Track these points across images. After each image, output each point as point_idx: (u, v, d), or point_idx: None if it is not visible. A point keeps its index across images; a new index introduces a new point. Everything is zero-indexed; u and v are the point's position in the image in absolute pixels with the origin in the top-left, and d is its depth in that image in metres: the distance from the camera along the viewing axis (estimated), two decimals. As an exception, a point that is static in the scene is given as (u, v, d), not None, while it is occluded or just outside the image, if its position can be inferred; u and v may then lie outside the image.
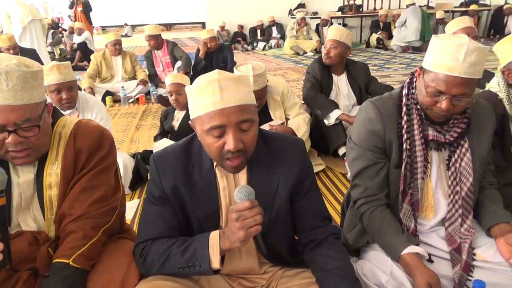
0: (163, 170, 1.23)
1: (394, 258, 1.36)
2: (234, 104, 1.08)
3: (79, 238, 1.23)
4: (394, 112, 1.42)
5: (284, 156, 1.26)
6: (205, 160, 1.22)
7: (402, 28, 9.37)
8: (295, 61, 8.80)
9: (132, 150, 3.59)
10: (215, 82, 1.09)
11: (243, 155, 1.14)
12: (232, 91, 1.09)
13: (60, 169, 1.28)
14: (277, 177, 1.24)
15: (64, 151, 1.29)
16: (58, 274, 1.18)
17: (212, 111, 1.08)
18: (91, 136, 1.32)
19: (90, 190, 1.29)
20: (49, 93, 2.51)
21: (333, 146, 2.98)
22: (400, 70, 7.30)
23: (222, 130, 1.10)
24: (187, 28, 19.39)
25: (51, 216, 1.28)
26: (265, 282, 1.33)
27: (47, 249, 1.24)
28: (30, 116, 1.15)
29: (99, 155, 1.32)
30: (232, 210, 1.09)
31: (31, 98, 1.15)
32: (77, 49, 8.62)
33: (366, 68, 3.21)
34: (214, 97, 1.08)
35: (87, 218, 1.27)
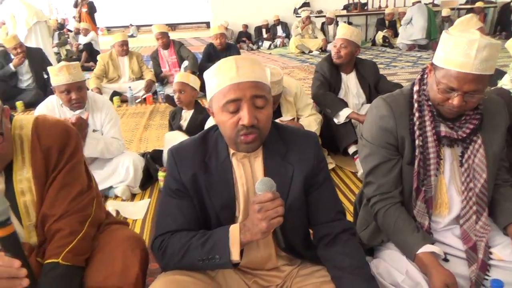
0: (181, 161, 1.25)
1: (410, 257, 1.35)
2: (249, 79, 1.13)
3: (66, 235, 1.22)
4: (406, 109, 1.42)
5: (298, 147, 1.28)
6: (221, 150, 1.25)
7: (408, 26, 9.32)
8: (301, 60, 8.78)
9: (141, 150, 3.59)
10: (231, 60, 1.15)
11: (257, 133, 1.15)
12: (248, 68, 1.14)
13: (31, 174, 1.24)
14: (292, 167, 1.25)
15: (31, 155, 1.24)
16: (48, 274, 1.17)
17: (228, 85, 1.13)
18: (55, 132, 1.28)
19: (67, 187, 1.27)
20: (58, 94, 2.52)
21: (343, 145, 2.97)
22: (406, 68, 7.27)
23: (237, 104, 1.13)
24: (192, 28, 19.42)
25: (29, 223, 1.25)
26: (280, 281, 1.33)
27: (35, 260, 1.23)
28: None
29: (69, 151, 1.29)
30: (254, 201, 1.10)
31: None
32: (83, 50, 8.65)
33: (375, 66, 3.19)
34: (230, 73, 1.13)
35: (71, 215, 1.26)
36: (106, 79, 5.46)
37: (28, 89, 5.35)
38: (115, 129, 2.73)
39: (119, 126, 2.79)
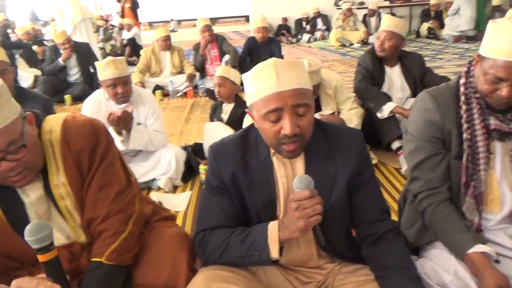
0: (222, 159, 1.25)
1: (459, 256, 1.30)
2: (290, 87, 1.09)
3: (109, 236, 1.23)
4: (452, 102, 1.37)
5: (342, 146, 1.25)
6: (262, 148, 1.23)
7: (455, 16, 8.93)
8: (341, 53, 8.63)
9: (182, 143, 3.66)
10: (271, 67, 1.10)
11: (299, 140, 1.14)
12: (289, 75, 1.10)
13: (66, 180, 1.22)
14: (335, 166, 1.23)
15: (63, 161, 1.22)
16: (92, 273, 1.19)
17: (268, 95, 1.10)
18: (84, 134, 1.24)
19: (106, 189, 1.26)
20: (105, 88, 2.61)
21: (386, 140, 2.90)
22: (453, 60, 6.99)
23: (278, 114, 1.10)
24: (231, 22, 19.51)
25: (74, 224, 1.27)
26: (322, 277, 1.32)
27: (87, 259, 1.26)
28: (11, 138, 1.06)
29: (100, 151, 1.26)
30: (292, 199, 1.09)
31: (5, 119, 1.04)
32: (127, 45, 8.90)
33: (420, 59, 3.08)
34: (270, 81, 1.10)
35: (114, 215, 1.26)
36: (149, 73, 5.60)
37: (76, 83, 5.56)
38: (158, 122, 2.79)
39: (162, 119, 2.86)
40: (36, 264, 1.21)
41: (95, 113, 2.65)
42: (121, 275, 1.22)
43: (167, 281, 1.23)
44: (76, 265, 1.24)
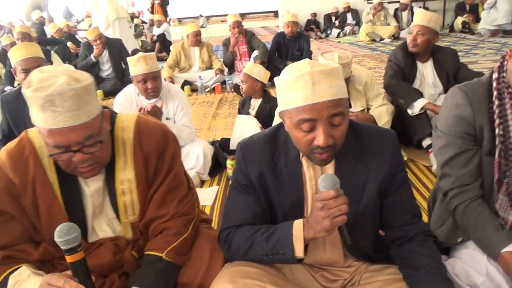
0: (250, 158, 1.24)
1: (492, 255, 1.27)
2: (326, 99, 1.04)
3: (171, 235, 1.27)
4: (484, 97, 1.33)
5: (375, 149, 1.21)
6: (291, 149, 1.21)
7: (491, 10, 8.59)
8: (371, 48, 8.48)
9: (209, 138, 3.70)
10: (307, 76, 1.05)
11: (332, 150, 1.11)
12: (325, 85, 1.04)
13: (134, 176, 1.28)
14: (367, 170, 1.20)
15: (134, 158, 1.28)
16: (151, 266, 1.23)
17: (303, 105, 1.06)
18: (155, 137, 1.30)
19: (174, 192, 1.32)
20: (136, 83, 2.66)
21: (417, 137, 2.83)
22: (489, 55, 6.74)
23: (312, 124, 1.07)
24: (259, 17, 19.48)
25: (126, 220, 1.31)
26: (348, 275, 1.30)
27: (131, 253, 1.30)
28: (91, 132, 1.12)
29: (168, 156, 1.32)
30: (317, 199, 1.07)
31: (89, 114, 1.10)
32: (157, 41, 9.04)
33: (454, 54, 2.99)
34: (305, 92, 1.05)
35: (179, 216, 1.31)
36: (178, 69, 5.68)
37: (107, 78, 5.71)
38: (187, 117, 2.83)
39: (190, 114, 2.89)
40: None
41: (126, 108, 2.72)
42: (175, 274, 1.26)
43: (203, 281, 1.25)
44: (119, 258, 1.28)
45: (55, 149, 1.11)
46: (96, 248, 1.29)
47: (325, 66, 1.08)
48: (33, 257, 1.22)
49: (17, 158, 1.20)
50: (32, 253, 1.23)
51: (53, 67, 1.14)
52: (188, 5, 18.89)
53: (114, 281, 1.27)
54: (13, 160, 1.20)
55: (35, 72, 1.11)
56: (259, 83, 3.15)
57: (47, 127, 1.07)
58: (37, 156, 1.22)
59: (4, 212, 1.21)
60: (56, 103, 1.04)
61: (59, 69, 1.12)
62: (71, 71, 1.12)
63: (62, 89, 1.04)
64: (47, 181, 1.22)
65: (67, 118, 1.06)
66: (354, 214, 1.17)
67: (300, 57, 5.50)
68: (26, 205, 1.22)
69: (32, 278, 1.14)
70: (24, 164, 1.20)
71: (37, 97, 1.04)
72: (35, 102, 1.05)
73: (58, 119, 1.05)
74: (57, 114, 1.05)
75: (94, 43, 5.47)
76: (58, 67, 1.16)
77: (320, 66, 1.08)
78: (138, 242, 1.33)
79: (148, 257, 1.25)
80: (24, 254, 1.22)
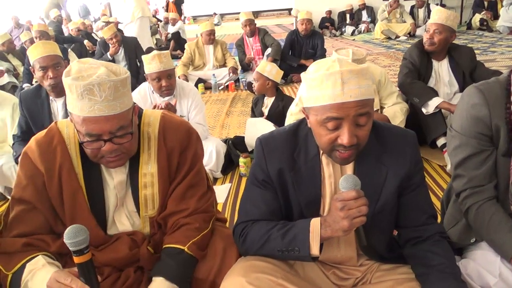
0: (269, 153, 1.25)
1: (506, 257, 1.25)
2: (354, 98, 1.05)
3: (193, 229, 1.30)
4: (501, 97, 1.30)
5: (395, 148, 1.22)
6: (311, 146, 1.22)
7: (511, 7, 8.45)
8: (386, 46, 8.41)
9: (223, 136, 3.72)
10: (337, 75, 1.05)
11: (355, 149, 1.11)
12: (354, 84, 1.05)
13: (157, 170, 1.31)
14: (386, 169, 1.20)
15: (157, 153, 1.32)
16: (174, 257, 1.25)
17: (331, 104, 1.06)
18: (179, 133, 1.34)
19: (194, 188, 1.35)
20: (150, 81, 2.70)
21: (431, 136, 2.80)
22: (507, 53, 6.62)
23: (337, 122, 1.07)
24: (273, 15, 19.44)
25: (145, 214, 1.34)
26: (360, 274, 1.31)
27: (147, 248, 1.32)
28: (123, 123, 1.17)
29: (190, 153, 1.35)
30: (337, 199, 1.07)
31: (123, 106, 1.15)
32: (171, 39, 9.11)
33: (471, 53, 2.94)
34: (334, 90, 1.05)
35: (200, 212, 1.34)
36: (192, 67, 5.72)
37: (123, 76, 5.76)
38: (200, 115, 2.85)
39: (204, 112, 2.92)
40: (99, 247, 1.31)
41: (140, 105, 2.74)
42: (193, 268, 1.28)
43: (216, 277, 1.27)
44: (136, 252, 1.31)
45: (86, 137, 1.16)
46: (113, 242, 1.32)
47: (354, 66, 1.08)
48: (51, 249, 1.26)
49: (46, 147, 1.26)
50: (51, 244, 1.26)
51: (91, 60, 1.20)
52: (202, 3, 18.93)
53: (130, 275, 1.30)
54: (42, 148, 1.25)
55: (75, 63, 1.17)
56: (270, 82, 3.16)
57: (82, 115, 1.12)
58: (65, 146, 1.27)
59: (27, 202, 1.25)
60: (94, 92, 1.10)
61: (97, 62, 1.19)
62: (109, 64, 1.19)
63: (101, 79, 1.10)
64: (73, 170, 1.27)
65: (103, 108, 1.11)
66: (372, 213, 1.17)
67: (313, 55, 5.49)
68: (52, 193, 1.26)
69: (46, 268, 1.18)
70: (52, 153, 1.25)
71: (77, 85, 1.09)
72: (74, 90, 1.10)
73: (94, 108, 1.11)
74: (93, 103, 1.10)
75: (110, 41, 5.54)
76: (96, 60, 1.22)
77: (350, 66, 1.08)
78: (154, 237, 1.36)
79: (169, 249, 1.28)
80: (43, 244, 1.26)
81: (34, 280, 1.16)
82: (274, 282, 1.14)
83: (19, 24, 9.48)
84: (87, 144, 1.17)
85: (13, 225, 1.25)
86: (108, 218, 1.34)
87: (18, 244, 1.22)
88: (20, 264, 1.19)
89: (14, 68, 6.19)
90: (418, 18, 9.44)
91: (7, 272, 1.19)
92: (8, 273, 1.19)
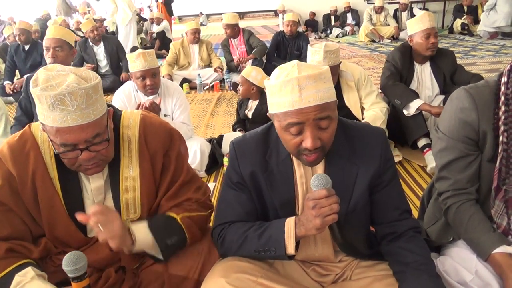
0: (242, 156, 1.26)
1: (483, 256, 1.27)
2: (313, 103, 1.07)
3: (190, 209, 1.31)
4: (491, 102, 1.29)
5: (364, 147, 1.23)
6: (282, 148, 1.23)
7: (491, 12, 8.63)
8: (370, 49, 8.50)
9: (207, 135, 3.72)
10: (294, 81, 1.06)
11: (320, 151, 1.13)
12: (312, 90, 1.06)
13: (138, 173, 1.29)
14: (357, 168, 1.22)
15: (139, 156, 1.29)
16: (164, 218, 1.27)
17: (290, 110, 1.08)
18: (161, 135, 1.32)
19: (188, 184, 1.36)
20: (134, 79, 2.68)
21: (412, 138, 2.85)
22: (487, 57, 6.77)
23: (299, 127, 1.09)
24: (259, 16, 19.46)
25: (126, 218, 1.31)
26: (339, 270, 1.32)
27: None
28: (98, 131, 1.14)
29: (174, 153, 1.34)
30: (309, 198, 1.09)
31: (97, 113, 1.12)
32: (156, 38, 9.04)
33: (452, 56, 3.00)
34: (292, 96, 1.07)
35: (196, 201, 1.35)
36: (177, 66, 5.68)
37: (106, 75, 5.70)
38: (185, 114, 2.84)
39: (188, 112, 2.90)
40: (79, 249, 1.28)
41: (125, 104, 2.73)
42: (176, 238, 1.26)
43: (200, 275, 1.27)
44: (116, 253, 1.28)
45: (61, 147, 1.12)
46: (94, 243, 1.30)
47: (312, 70, 1.09)
48: (34, 255, 1.24)
49: (18, 151, 1.22)
50: (33, 251, 1.24)
51: (58, 66, 1.14)
52: (188, 3, 18.81)
53: (111, 275, 1.29)
54: (14, 153, 1.21)
55: (41, 70, 1.11)
56: (255, 87, 3.18)
57: (55, 126, 1.08)
58: (38, 151, 1.23)
59: (3, 203, 1.22)
60: (65, 102, 1.05)
61: (65, 68, 1.13)
62: (77, 70, 1.14)
63: (72, 88, 1.05)
64: (48, 176, 1.24)
65: (76, 117, 1.07)
66: (345, 212, 1.19)
67: (299, 57, 5.52)
68: (25, 198, 1.23)
69: (35, 282, 1.15)
70: (25, 158, 1.22)
71: (47, 96, 1.04)
72: (44, 101, 1.05)
73: (67, 118, 1.07)
74: (66, 113, 1.06)
75: (91, 34, 5.49)
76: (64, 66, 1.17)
77: (308, 70, 1.09)
78: None
79: (163, 214, 1.29)
80: (26, 251, 1.23)
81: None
82: (254, 281, 1.15)
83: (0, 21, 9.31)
84: (64, 155, 1.14)
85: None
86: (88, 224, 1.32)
87: (1, 250, 1.18)
88: (5, 272, 1.16)
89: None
90: (402, 22, 9.57)
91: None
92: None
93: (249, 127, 3.26)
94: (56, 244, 1.30)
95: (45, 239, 1.28)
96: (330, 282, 1.32)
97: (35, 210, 1.24)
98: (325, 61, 2.48)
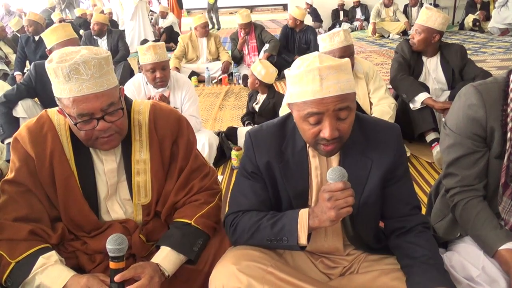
0: (258, 146, 1.28)
1: (490, 252, 1.28)
2: (333, 94, 1.08)
3: (199, 205, 1.34)
4: (499, 99, 1.29)
5: (379, 141, 1.25)
6: (298, 139, 1.25)
7: (502, 8, 8.51)
8: (379, 44, 8.45)
9: (215, 129, 3.73)
10: (315, 71, 1.08)
11: (338, 142, 1.14)
12: (332, 80, 1.08)
13: (149, 157, 1.34)
14: (370, 161, 1.23)
15: (149, 140, 1.34)
16: (180, 228, 1.30)
17: (310, 100, 1.09)
18: (170, 121, 1.37)
19: (196, 172, 1.40)
20: (144, 72, 2.70)
21: (418, 131, 2.84)
22: (497, 54, 6.70)
23: (319, 117, 1.11)
24: (268, 10, 19.40)
25: (138, 201, 1.36)
26: (347, 263, 1.34)
27: (138, 236, 1.34)
28: (112, 100, 1.19)
29: (183, 140, 1.38)
30: (324, 190, 1.10)
31: (109, 83, 1.19)
32: (164, 32, 9.04)
33: (461, 50, 2.97)
34: (313, 86, 1.09)
35: (205, 190, 1.38)
36: (185, 60, 5.69)
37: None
38: (194, 107, 2.86)
39: (197, 104, 2.93)
40: (91, 232, 1.33)
41: (134, 96, 2.75)
42: (200, 241, 1.31)
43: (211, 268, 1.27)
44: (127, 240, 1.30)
45: (78, 118, 1.17)
46: (105, 230, 1.34)
47: (333, 61, 1.11)
48: (52, 241, 1.27)
49: (37, 133, 1.27)
50: (52, 236, 1.28)
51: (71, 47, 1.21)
52: (197, -4, 18.78)
53: None
54: (33, 135, 1.26)
55: (55, 52, 1.19)
56: (258, 81, 3.20)
57: (72, 96, 1.14)
58: (55, 132, 1.29)
59: (21, 184, 1.26)
60: (80, 71, 1.13)
61: (77, 47, 1.21)
62: (89, 47, 1.22)
63: (85, 58, 1.13)
64: (64, 156, 1.29)
65: (91, 85, 1.14)
66: (357, 205, 1.20)
67: (307, 50, 5.50)
68: (43, 178, 1.27)
69: (58, 266, 1.19)
70: (43, 139, 1.27)
71: (63, 67, 1.12)
72: (60, 73, 1.13)
73: (82, 87, 1.14)
74: (81, 82, 1.13)
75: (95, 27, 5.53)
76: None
77: (329, 61, 1.11)
78: (147, 226, 1.38)
79: (176, 223, 1.32)
80: (45, 235, 1.27)
81: (45, 274, 1.16)
82: (264, 270, 1.16)
83: (10, 11, 9.37)
84: (81, 126, 1.19)
85: (9, 207, 1.25)
86: (100, 206, 1.35)
87: (24, 232, 1.21)
88: (27, 253, 1.19)
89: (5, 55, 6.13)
90: (412, 17, 9.49)
91: (11, 260, 1.17)
92: (11, 261, 1.17)
93: (257, 120, 3.29)
94: (70, 227, 1.33)
95: (62, 224, 1.32)
96: (337, 275, 1.33)
97: (52, 190, 1.29)
98: (346, 40, 2.53)
